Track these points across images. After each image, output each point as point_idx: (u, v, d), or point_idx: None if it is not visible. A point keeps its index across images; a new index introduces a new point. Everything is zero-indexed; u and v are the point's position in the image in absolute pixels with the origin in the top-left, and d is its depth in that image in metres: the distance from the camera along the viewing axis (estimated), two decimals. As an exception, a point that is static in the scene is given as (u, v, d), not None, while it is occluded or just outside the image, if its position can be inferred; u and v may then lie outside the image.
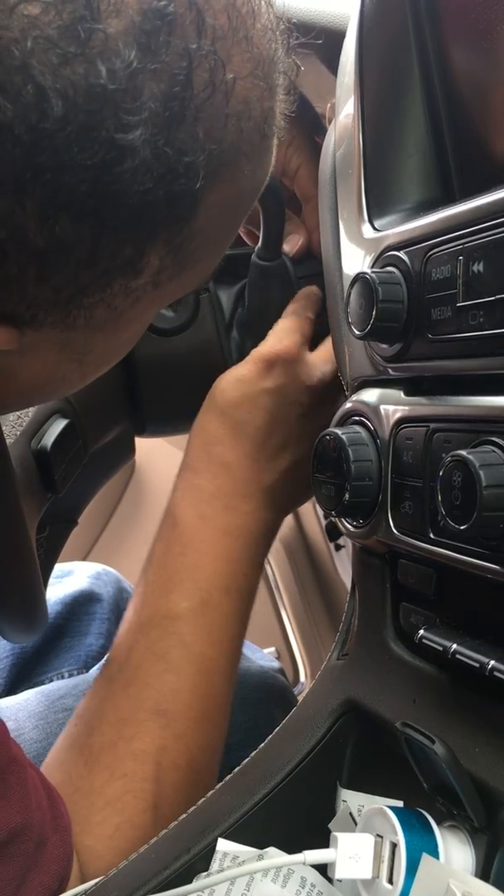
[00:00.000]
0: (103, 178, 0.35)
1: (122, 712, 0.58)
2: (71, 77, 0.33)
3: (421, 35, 0.52)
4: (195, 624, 0.61)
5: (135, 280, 0.40)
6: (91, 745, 0.57)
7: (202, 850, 0.48)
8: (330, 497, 0.51)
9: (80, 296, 0.39)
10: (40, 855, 0.49)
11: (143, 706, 0.58)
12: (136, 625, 0.62)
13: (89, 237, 0.37)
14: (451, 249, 0.44)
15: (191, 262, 0.42)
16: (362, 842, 0.42)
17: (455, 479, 0.40)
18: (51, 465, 0.65)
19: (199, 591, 0.62)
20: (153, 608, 0.62)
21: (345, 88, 0.56)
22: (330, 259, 0.58)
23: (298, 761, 0.51)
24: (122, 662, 0.60)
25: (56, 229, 0.35)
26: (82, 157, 0.34)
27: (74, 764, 0.56)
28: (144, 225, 0.38)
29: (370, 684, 0.51)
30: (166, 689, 0.59)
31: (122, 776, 0.55)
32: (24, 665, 0.88)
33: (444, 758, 0.41)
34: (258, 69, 0.39)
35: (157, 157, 0.36)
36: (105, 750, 0.57)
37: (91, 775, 0.56)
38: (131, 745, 0.56)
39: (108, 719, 0.58)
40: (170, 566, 0.63)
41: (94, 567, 0.99)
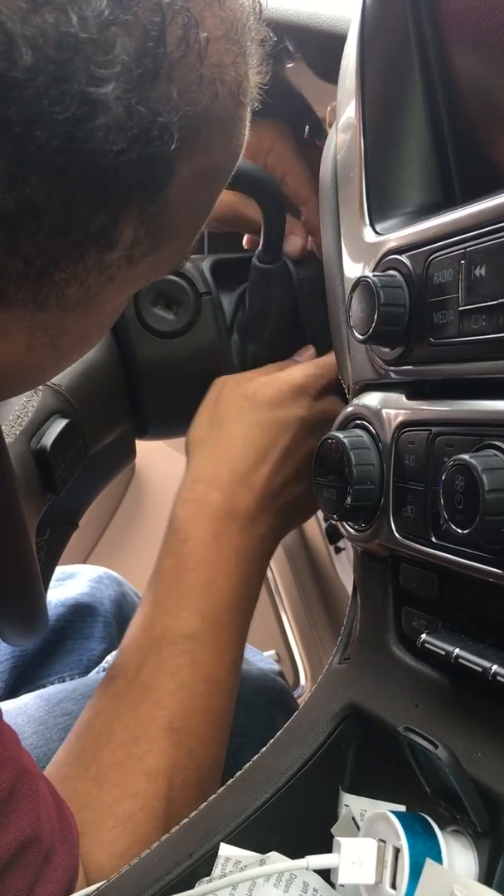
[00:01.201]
0: (75, 135, 0.34)
1: (133, 730, 0.58)
2: (40, 25, 0.32)
3: (422, 39, 0.52)
4: (207, 643, 0.61)
5: (108, 253, 0.39)
6: (99, 762, 0.57)
7: (204, 854, 0.48)
8: (332, 501, 0.51)
9: (52, 269, 0.38)
10: (48, 865, 0.49)
11: (154, 724, 0.58)
12: (145, 642, 0.61)
13: (61, 201, 0.35)
14: (452, 253, 0.44)
15: (165, 237, 0.41)
16: (365, 847, 0.42)
17: (457, 484, 0.40)
18: (50, 464, 0.64)
19: (211, 609, 0.62)
20: (164, 626, 0.61)
21: (346, 92, 0.56)
22: (331, 262, 0.58)
23: (300, 765, 0.50)
24: (130, 679, 0.60)
25: (26, 190, 0.34)
26: (53, 110, 0.33)
27: (81, 780, 0.56)
28: (118, 189, 0.36)
29: (372, 688, 0.51)
30: (178, 707, 0.59)
31: (134, 795, 0.55)
32: (24, 668, 0.88)
33: (447, 762, 0.41)
34: (231, 32, 0.38)
35: (131, 115, 0.34)
36: (115, 768, 0.56)
37: (101, 793, 0.55)
38: (142, 763, 0.56)
39: (117, 737, 0.57)
40: (182, 583, 0.62)
41: (95, 570, 0.99)
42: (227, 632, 0.63)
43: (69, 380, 0.68)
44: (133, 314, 0.71)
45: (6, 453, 0.56)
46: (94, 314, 0.43)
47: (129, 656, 0.62)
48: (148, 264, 0.42)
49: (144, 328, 0.71)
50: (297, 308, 0.73)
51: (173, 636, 0.61)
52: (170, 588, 0.63)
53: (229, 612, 0.63)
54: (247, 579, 0.65)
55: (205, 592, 0.62)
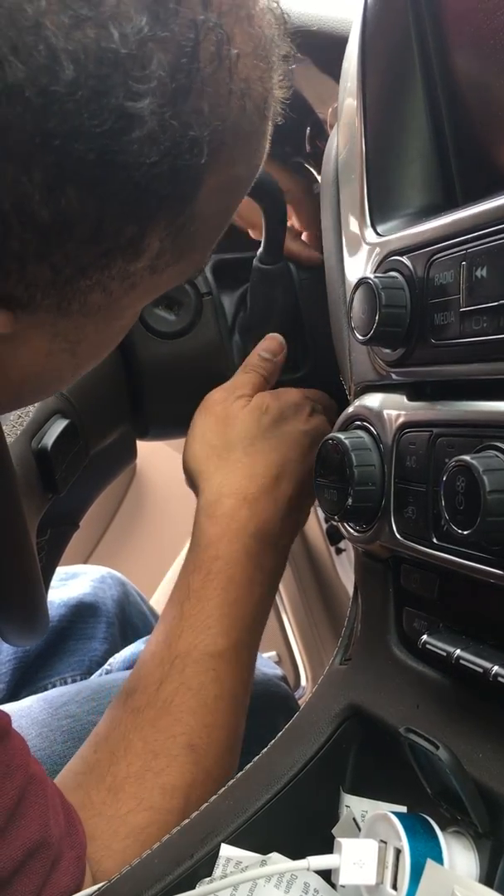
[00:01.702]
0: (112, 148, 0.34)
1: (152, 745, 0.58)
2: (82, 40, 0.33)
3: (423, 40, 0.52)
4: (231, 661, 0.61)
5: (134, 263, 0.39)
6: (116, 773, 0.57)
7: (205, 855, 0.48)
8: (333, 502, 0.51)
9: (79, 277, 0.39)
10: (55, 871, 0.49)
11: (175, 741, 0.58)
12: (169, 657, 0.61)
13: (94, 212, 0.36)
14: (454, 255, 0.44)
15: (188, 248, 0.42)
16: (366, 847, 0.42)
17: (459, 484, 0.41)
18: (51, 464, 0.64)
19: (237, 629, 0.62)
20: (191, 643, 0.61)
21: (347, 93, 0.56)
22: (332, 263, 0.58)
23: (301, 766, 0.50)
24: (151, 694, 0.60)
25: (62, 202, 0.35)
26: (92, 123, 0.34)
27: (95, 789, 0.56)
28: (148, 202, 0.37)
29: (373, 689, 0.51)
30: (199, 724, 0.59)
31: (150, 808, 0.55)
32: (26, 668, 0.88)
33: (449, 763, 0.41)
34: (259, 49, 0.39)
35: (164, 130, 0.35)
36: (131, 780, 0.56)
37: (116, 802, 0.55)
38: (160, 778, 0.56)
39: (134, 750, 0.57)
40: (211, 601, 0.63)
41: (98, 570, 0.99)
42: (248, 651, 0.64)
43: None
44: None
45: (7, 453, 0.56)
46: (114, 321, 0.44)
47: (150, 670, 0.61)
48: (169, 274, 0.43)
49: (146, 329, 0.71)
50: (299, 308, 0.73)
51: (199, 654, 0.61)
52: (198, 605, 0.63)
53: (251, 630, 0.64)
54: (267, 597, 0.66)
55: (232, 611, 0.62)
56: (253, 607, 0.64)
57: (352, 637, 0.56)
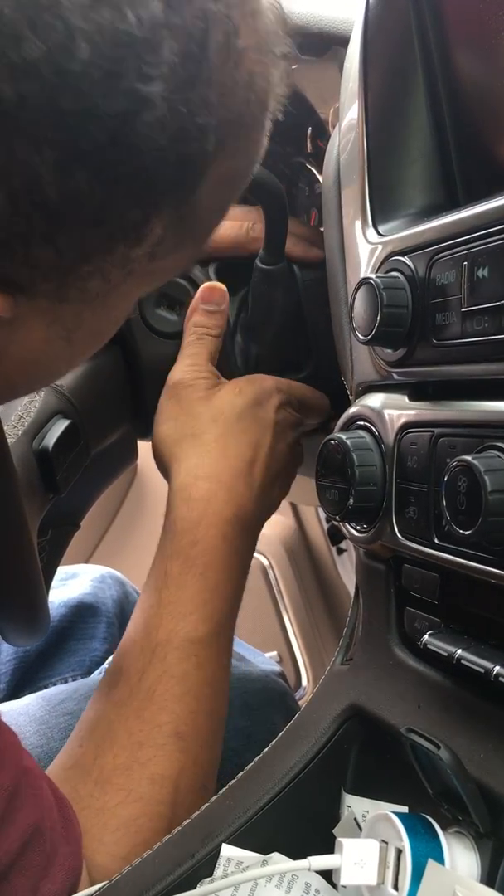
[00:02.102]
0: (123, 130, 0.35)
1: (137, 735, 0.57)
2: (99, 20, 0.33)
3: (425, 41, 0.52)
4: (212, 647, 0.61)
5: (136, 249, 0.40)
6: (102, 766, 0.56)
7: (206, 855, 0.48)
8: (334, 501, 0.51)
9: (81, 262, 0.39)
10: (51, 865, 0.49)
11: (160, 730, 0.57)
12: (149, 646, 0.61)
13: (101, 195, 0.36)
14: (455, 255, 0.44)
15: (188, 236, 0.42)
16: (367, 848, 0.42)
17: (460, 485, 0.41)
18: (52, 465, 0.64)
19: (217, 613, 0.62)
20: (171, 630, 0.61)
21: (349, 94, 0.56)
22: (334, 263, 0.58)
23: (303, 766, 0.50)
24: (133, 684, 0.60)
25: (71, 183, 0.35)
26: (105, 104, 0.34)
27: (82, 782, 0.56)
28: (155, 187, 0.38)
29: (374, 689, 0.51)
30: (185, 712, 0.58)
31: (139, 799, 0.55)
32: (27, 668, 0.88)
33: (450, 764, 0.41)
34: (262, 44, 0.40)
35: (173, 115, 0.36)
36: (118, 772, 0.56)
37: (104, 795, 0.55)
38: (147, 768, 0.56)
39: (119, 742, 0.57)
40: (190, 587, 0.62)
41: (98, 570, 0.99)
42: (227, 635, 0.63)
43: (71, 380, 0.68)
44: (136, 315, 0.71)
45: (8, 454, 0.56)
46: (111, 309, 0.44)
47: (131, 660, 0.61)
48: (167, 262, 0.43)
49: (148, 329, 0.71)
50: (300, 308, 0.73)
51: (181, 640, 0.60)
52: (177, 592, 0.62)
53: (230, 615, 0.64)
54: (242, 580, 0.65)
55: (212, 597, 0.62)
56: (231, 592, 0.64)
57: (353, 637, 0.56)
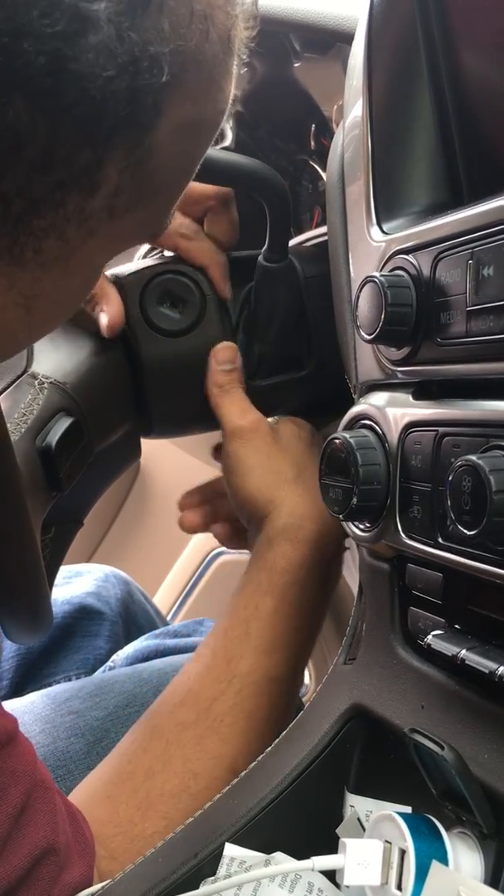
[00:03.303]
0: (64, 52, 0.32)
1: (193, 764, 0.57)
2: None
3: (430, 38, 0.52)
4: (286, 688, 0.62)
5: (90, 199, 0.37)
6: (150, 789, 0.56)
7: (209, 854, 0.48)
8: (337, 500, 0.51)
9: (31, 213, 0.36)
10: (61, 880, 0.48)
11: (219, 763, 0.57)
12: (227, 675, 0.61)
13: (45, 129, 0.34)
14: (460, 253, 0.44)
15: (149, 190, 0.39)
16: (371, 848, 0.42)
17: (464, 484, 0.40)
18: (55, 462, 0.64)
19: (296, 658, 0.63)
20: (254, 665, 0.61)
21: (353, 91, 0.56)
22: (337, 261, 0.58)
23: (306, 766, 0.50)
24: (201, 711, 0.59)
25: (9, 113, 0.32)
26: (43, 22, 0.31)
27: (125, 804, 0.55)
28: (104, 122, 0.35)
29: (378, 689, 0.51)
30: (245, 747, 0.58)
31: (163, 819, 0.55)
32: (30, 665, 0.88)
33: (454, 764, 0.41)
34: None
35: (122, 41, 0.33)
36: (165, 799, 0.55)
37: (143, 821, 0.54)
38: (198, 801, 0.55)
39: (173, 767, 0.57)
40: (280, 626, 0.62)
41: (102, 569, 0.99)
42: (298, 679, 0.64)
43: (75, 378, 0.68)
44: (139, 313, 0.71)
45: (11, 451, 0.56)
46: (72, 276, 0.41)
47: (204, 686, 0.61)
48: (129, 221, 0.40)
49: (150, 327, 0.71)
50: (303, 306, 0.73)
51: (260, 677, 0.60)
52: (268, 629, 0.62)
53: (304, 659, 0.64)
54: (323, 620, 0.67)
55: (298, 638, 0.63)
56: (313, 630, 0.65)
57: (356, 636, 0.56)
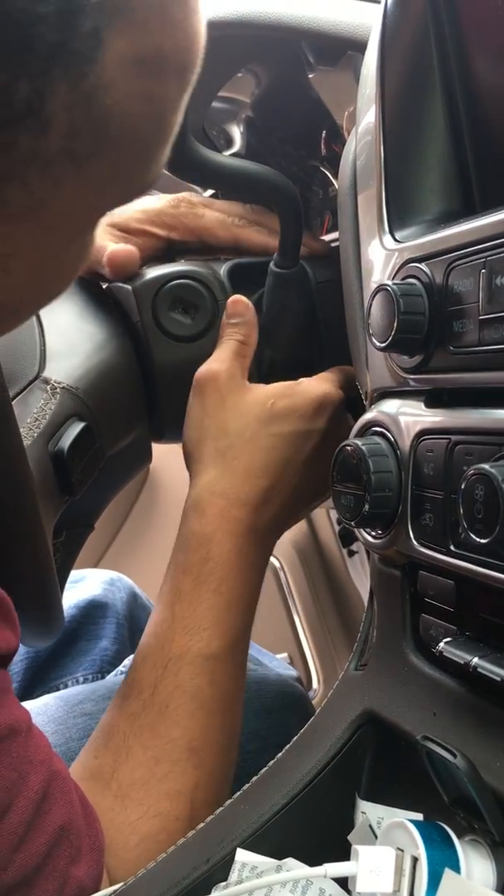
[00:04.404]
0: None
1: (153, 750, 0.57)
2: None
3: (443, 46, 0.52)
4: (225, 663, 0.61)
5: (44, 140, 0.33)
6: (120, 779, 0.57)
7: (221, 859, 0.48)
8: (349, 507, 0.51)
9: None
10: (75, 866, 0.49)
11: (175, 745, 0.58)
12: (162, 660, 0.61)
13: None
14: (473, 262, 0.44)
15: (109, 132, 0.35)
16: (383, 855, 0.42)
17: (477, 493, 0.40)
18: (67, 467, 0.65)
19: (231, 629, 0.62)
20: (185, 645, 0.61)
21: (365, 99, 0.56)
22: (349, 269, 0.58)
23: (317, 772, 0.50)
24: (146, 699, 0.60)
25: None
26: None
27: (102, 795, 0.56)
28: (36, 48, 0.32)
29: (389, 696, 0.51)
30: (197, 727, 0.59)
31: (157, 814, 0.55)
32: (38, 668, 0.88)
33: (466, 772, 0.41)
34: None
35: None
36: (136, 786, 0.56)
37: (124, 810, 0.55)
38: (165, 783, 0.56)
39: (136, 756, 0.57)
40: (204, 602, 0.62)
41: (107, 574, 0.99)
42: (242, 651, 0.63)
43: (86, 383, 0.68)
44: (151, 318, 0.71)
45: (24, 456, 0.56)
46: (49, 233, 0.38)
47: (143, 674, 0.61)
48: (97, 170, 0.36)
49: (162, 332, 0.72)
50: (315, 313, 0.73)
51: (193, 656, 0.60)
52: (190, 607, 0.62)
53: (245, 629, 0.63)
54: (256, 592, 0.65)
55: (226, 613, 0.62)
56: (245, 606, 0.63)
57: (367, 643, 0.56)
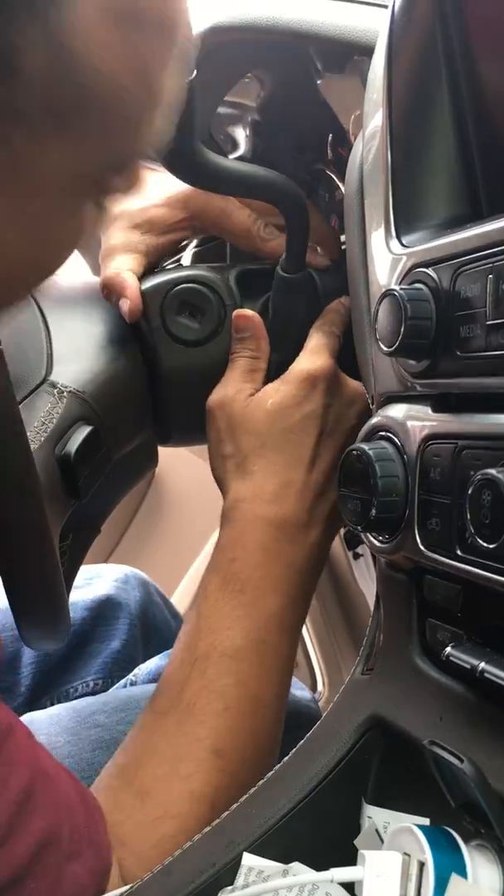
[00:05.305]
0: None
1: (177, 748, 0.57)
2: None
3: (450, 51, 0.52)
4: (253, 663, 0.60)
5: (19, 91, 0.32)
6: (142, 776, 0.57)
7: (228, 863, 0.48)
8: (356, 512, 0.51)
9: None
10: (71, 867, 0.49)
11: (200, 745, 0.57)
12: (190, 659, 0.61)
13: None
14: (480, 267, 0.44)
15: (87, 83, 0.33)
16: (390, 860, 0.42)
17: (484, 498, 0.40)
18: (74, 471, 0.65)
19: (258, 629, 0.61)
20: (210, 644, 0.61)
21: (373, 104, 0.56)
22: (356, 273, 0.58)
23: (323, 776, 0.51)
24: (174, 697, 0.59)
25: None
26: None
27: (124, 792, 0.56)
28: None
29: (396, 700, 0.51)
30: (223, 728, 0.58)
31: (177, 815, 0.55)
32: (47, 673, 0.88)
33: (473, 777, 0.41)
34: None
35: None
36: (158, 784, 0.56)
37: (144, 808, 0.55)
38: (187, 784, 0.56)
39: (160, 753, 0.57)
40: (228, 602, 0.62)
41: (121, 570, 0.98)
42: (273, 651, 0.62)
43: (94, 387, 0.69)
44: (158, 322, 0.72)
45: (32, 459, 0.56)
46: (36, 200, 0.36)
47: (172, 673, 0.61)
48: (82, 131, 0.34)
49: (169, 336, 0.72)
50: None
51: (219, 655, 0.60)
52: (215, 606, 0.62)
53: (277, 630, 0.62)
54: (297, 594, 0.64)
55: (252, 612, 0.61)
56: (279, 605, 0.62)
57: (373, 647, 0.56)
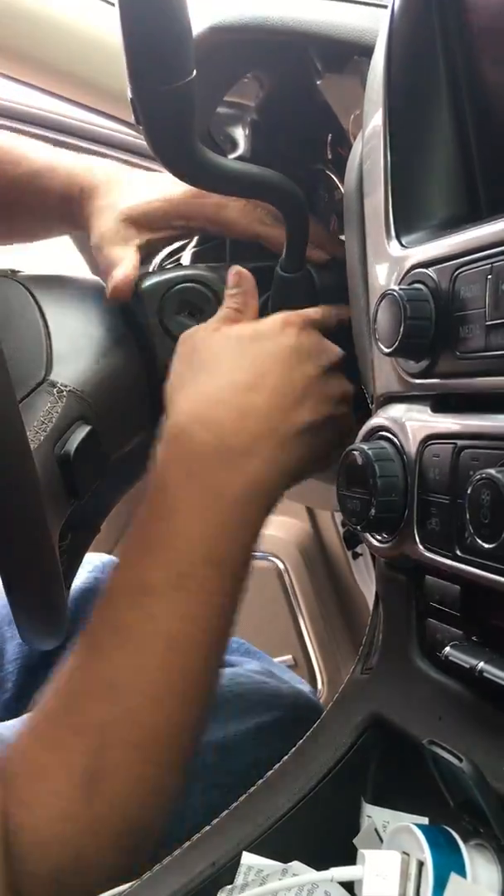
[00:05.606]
0: None
1: (74, 685, 0.55)
2: None
3: (449, 51, 0.52)
4: (169, 598, 0.55)
5: None
6: (36, 715, 0.55)
7: (227, 862, 0.48)
8: (356, 512, 0.51)
9: None
10: None
11: (95, 677, 0.54)
12: (106, 596, 0.57)
13: None
14: (479, 268, 0.44)
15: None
16: (389, 859, 0.42)
17: (483, 498, 0.41)
18: (73, 470, 0.65)
19: (177, 561, 0.55)
20: (124, 578, 0.57)
21: (372, 104, 0.56)
22: (355, 273, 0.58)
23: (323, 775, 0.51)
24: (83, 635, 0.57)
25: None
26: None
27: (22, 731, 0.54)
28: None
29: (395, 700, 0.51)
30: (123, 663, 0.54)
31: (56, 746, 0.53)
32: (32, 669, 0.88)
33: (472, 776, 0.41)
34: None
35: None
36: (48, 719, 0.54)
37: (31, 742, 0.53)
38: (72, 716, 0.53)
39: (59, 691, 0.55)
40: (150, 532, 0.57)
41: (100, 557, 0.93)
42: (197, 586, 0.56)
43: (93, 387, 0.69)
44: (156, 321, 0.72)
45: (31, 459, 0.56)
46: None
47: (91, 614, 0.58)
48: None
49: (168, 335, 0.72)
50: None
51: (130, 589, 0.56)
52: (136, 538, 0.57)
53: (203, 563, 0.56)
54: (227, 524, 0.57)
55: (173, 542, 0.55)
56: (207, 536, 0.56)
57: (372, 647, 0.56)
